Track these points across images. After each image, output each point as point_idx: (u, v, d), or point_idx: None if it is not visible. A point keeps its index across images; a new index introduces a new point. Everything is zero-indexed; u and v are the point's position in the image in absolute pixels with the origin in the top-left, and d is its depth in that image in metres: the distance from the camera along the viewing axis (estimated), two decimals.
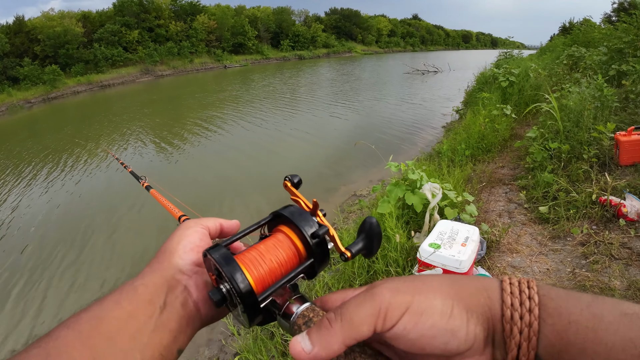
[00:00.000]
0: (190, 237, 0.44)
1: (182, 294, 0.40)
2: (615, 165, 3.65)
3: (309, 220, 0.43)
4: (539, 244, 3.01)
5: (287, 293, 0.42)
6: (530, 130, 4.17)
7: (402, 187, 2.73)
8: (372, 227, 0.43)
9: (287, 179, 0.50)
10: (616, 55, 6.58)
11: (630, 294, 2.29)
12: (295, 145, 9.23)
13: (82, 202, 6.75)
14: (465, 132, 5.52)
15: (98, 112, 18.11)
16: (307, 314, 0.38)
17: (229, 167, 8.04)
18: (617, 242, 2.71)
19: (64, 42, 36.92)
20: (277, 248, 0.43)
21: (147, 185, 1.20)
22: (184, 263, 0.42)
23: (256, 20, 55.44)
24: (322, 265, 0.44)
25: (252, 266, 0.40)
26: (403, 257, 2.38)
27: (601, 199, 3.08)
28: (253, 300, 0.37)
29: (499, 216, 3.46)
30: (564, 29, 26.96)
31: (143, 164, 8.71)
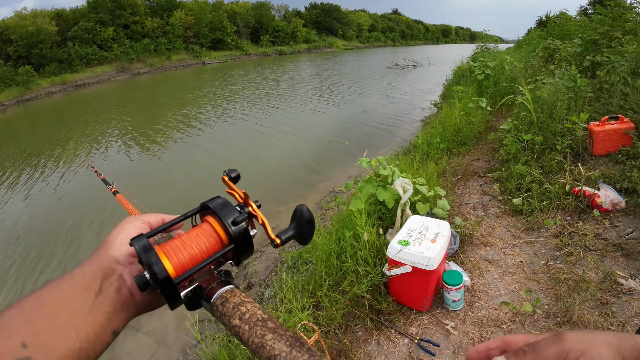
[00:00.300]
0: (129, 230, 0.47)
1: (117, 282, 0.43)
2: (589, 156, 3.66)
3: (231, 210, 0.47)
4: (512, 236, 2.99)
5: (213, 279, 0.46)
6: (504, 123, 4.15)
7: (374, 183, 2.65)
8: (302, 214, 0.49)
9: (225, 173, 0.54)
10: (590, 46, 6.66)
11: (606, 287, 2.26)
12: (274, 143, 9.07)
13: (62, 205, 6.49)
14: (441, 125, 5.49)
15: (73, 113, 17.49)
16: (225, 295, 0.42)
17: (203, 166, 7.85)
18: (592, 233, 2.70)
19: (37, 42, 35.57)
20: (199, 236, 0.46)
21: (115, 190, 1.28)
22: (119, 254, 0.45)
23: (235, 16, 54.55)
24: (246, 251, 0.48)
25: (172, 254, 0.44)
26: (373, 254, 2.30)
27: (575, 189, 3.07)
28: (169, 284, 0.41)
29: (473, 209, 3.43)
30: (541, 23, 27.44)
31: (118, 166, 8.42)
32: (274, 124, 10.88)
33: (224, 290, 0.44)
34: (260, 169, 7.32)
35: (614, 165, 3.37)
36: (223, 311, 0.42)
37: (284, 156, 8.06)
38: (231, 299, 0.42)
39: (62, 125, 14.20)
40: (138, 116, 14.51)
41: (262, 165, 7.53)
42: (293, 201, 5.68)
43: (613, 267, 2.42)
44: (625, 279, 2.24)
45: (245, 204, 0.50)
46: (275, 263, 4.05)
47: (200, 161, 8.20)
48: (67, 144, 10.92)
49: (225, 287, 0.44)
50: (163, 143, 9.89)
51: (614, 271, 2.36)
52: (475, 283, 2.46)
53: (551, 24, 14.51)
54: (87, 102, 22.22)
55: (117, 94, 24.16)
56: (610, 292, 2.19)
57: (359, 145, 8.17)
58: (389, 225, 2.82)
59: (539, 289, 2.38)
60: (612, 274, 2.32)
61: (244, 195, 0.50)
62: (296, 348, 0.35)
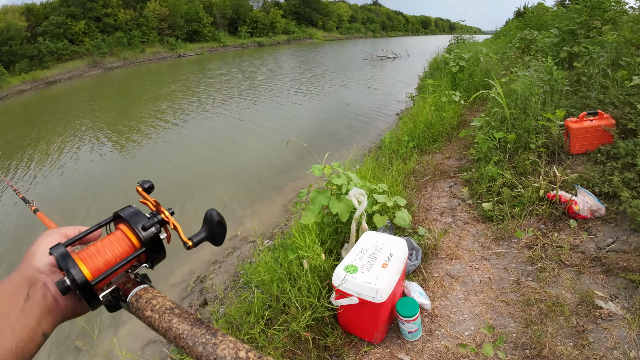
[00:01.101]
0: (48, 242, 0.50)
1: (41, 289, 0.47)
2: (565, 155, 3.42)
3: (141, 218, 0.52)
4: (481, 247, 2.73)
5: (129, 281, 0.50)
6: (476, 119, 3.90)
7: (327, 194, 2.35)
8: (212, 217, 0.53)
9: (139, 184, 0.59)
10: (568, 36, 6.47)
11: (583, 311, 2.00)
12: (247, 139, 8.68)
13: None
14: (412, 121, 5.22)
15: (44, 112, 16.51)
16: (139, 293, 0.48)
17: (179, 164, 7.43)
18: (568, 245, 2.46)
19: (7, 39, 33.82)
20: (112, 243, 0.51)
21: (35, 208, 1.21)
22: (41, 264, 0.48)
23: (211, 6, 52.92)
24: (158, 254, 0.53)
25: (88, 259, 0.48)
26: (321, 278, 2.00)
27: (549, 194, 2.83)
28: (88, 287, 0.45)
29: (441, 214, 3.16)
30: (519, 14, 27.58)
31: (90, 168, 7.90)
32: (250, 118, 10.48)
33: (138, 288, 0.48)
34: (230, 167, 6.94)
35: (593, 165, 3.14)
36: (137, 306, 0.46)
37: (256, 152, 7.69)
38: (144, 295, 0.47)
39: (33, 125, 13.33)
40: (110, 113, 13.72)
41: (232, 164, 7.14)
42: (260, 204, 5.35)
43: (591, 286, 2.17)
44: (605, 301, 1.99)
45: (157, 211, 0.54)
46: (234, 276, 3.73)
47: (175, 159, 7.76)
48: (38, 144, 10.22)
49: (140, 286, 0.49)
50: (136, 140, 9.39)
51: (592, 291, 2.12)
52: (437, 306, 2.19)
53: (528, 14, 14.43)
54: (58, 100, 21.19)
55: (88, 90, 23.09)
56: (587, 317, 1.94)
57: (332, 141, 7.89)
58: (346, 238, 2.53)
59: (507, 312, 2.12)
60: (589, 294, 2.08)
61: (155, 203, 0.55)
62: (196, 326, 0.41)
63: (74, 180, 7.20)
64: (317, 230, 2.31)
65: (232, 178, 6.36)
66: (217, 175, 6.55)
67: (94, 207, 5.85)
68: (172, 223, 0.53)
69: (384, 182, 2.97)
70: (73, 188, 6.84)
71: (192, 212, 5.19)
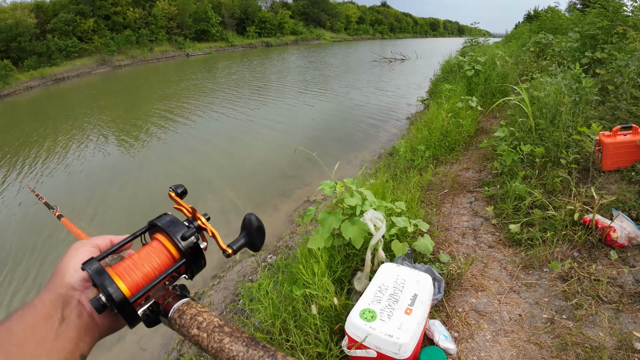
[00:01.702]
0: (80, 256, 0.48)
1: (76, 307, 0.44)
2: (597, 171, 3.12)
3: (179, 226, 0.49)
4: (509, 276, 2.43)
5: (168, 294, 0.48)
6: (498, 128, 3.59)
7: (338, 215, 2.06)
8: (251, 223, 0.52)
9: (172, 189, 0.56)
10: (589, 41, 6.14)
11: (621, 356, 1.73)
12: (253, 141, 8.43)
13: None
14: (427, 128, 4.92)
15: (52, 109, 16.41)
16: (182, 308, 0.46)
17: (185, 165, 7.22)
18: (605, 279, 2.16)
19: (16, 35, 33.98)
20: (150, 255, 0.48)
21: (59, 214, 1.19)
22: (74, 280, 0.46)
23: (220, 6, 52.88)
24: (198, 264, 0.50)
25: (125, 274, 0.45)
26: (329, 320, 1.72)
27: (585, 219, 2.53)
28: (125, 304, 0.43)
29: (463, 236, 2.87)
30: (529, 17, 27.20)
31: (97, 166, 7.70)
32: (259, 119, 10.28)
33: (180, 303, 0.46)
34: (235, 170, 6.68)
35: (627, 185, 2.83)
36: (181, 323, 0.44)
37: (262, 155, 7.45)
38: (188, 311, 0.45)
39: (40, 122, 13.19)
40: (117, 111, 13.57)
41: (237, 167, 6.88)
42: (263, 212, 5.08)
43: (630, 326, 1.89)
44: None
45: (193, 218, 0.52)
46: (234, 295, 3.46)
47: (180, 160, 7.60)
48: (44, 141, 10.05)
49: (181, 301, 0.47)
50: (143, 140, 9.22)
51: (631, 332, 1.84)
52: (463, 349, 1.90)
53: (542, 17, 14.06)
54: (66, 97, 21.15)
55: (96, 88, 23.02)
56: None
57: (341, 145, 7.61)
58: (358, 265, 2.25)
59: (540, 357, 1.83)
60: (629, 338, 1.79)
61: (192, 209, 0.52)
62: (252, 347, 0.39)
63: (80, 178, 7.05)
64: (326, 257, 2.02)
65: (237, 182, 6.11)
66: (221, 179, 6.31)
67: (101, 207, 5.72)
68: (209, 230, 0.52)
69: (401, 200, 2.69)
70: (79, 186, 6.71)
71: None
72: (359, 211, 2.04)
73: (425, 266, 2.17)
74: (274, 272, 3.19)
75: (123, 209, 5.58)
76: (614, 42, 5.65)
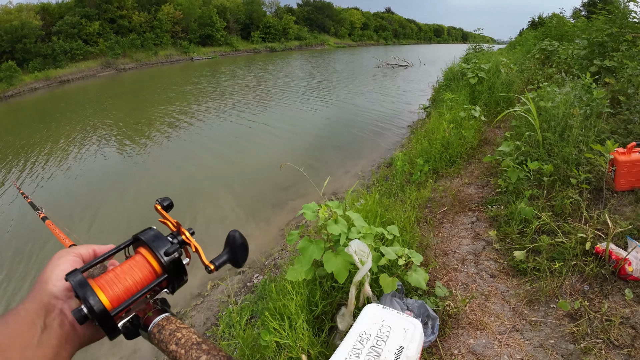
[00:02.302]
0: (62, 265, 0.49)
1: (58, 317, 0.45)
2: (610, 192, 2.87)
3: (163, 241, 0.50)
4: (512, 312, 2.18)
5: (149, 308, 0.48)
6: (503, 142, 3.34)
7: (321, 244, 1.83)
8: (235, 240, 0.53)
9: (158, 202, 0.57)
10: (597, 49, 5.89)
11: None
12: (244, 149, 8.21)
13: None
14: (427, 138, 4.68)
15: (56, 110, 16.38)
16: (161, 323, 0.46)
17: (183, 170, 7.00)
18: (618, 319, 1.91)
19: (22, 37, 34.15)
20: (133, 268, 0.48)
21: (44, 216, 1.09)
22: (57, 289, 0.47)
23: (225, 11, 53.06)
24: (179, 279, 0.51)
25: (107, 287, 0.46)
26: None
27: (598, 248, 2.27)
28: (106, 317, 0.44)
29: (462, 262, 2.61)
30: (533, 24, 27.03)
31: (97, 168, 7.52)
32: (259, 125, 10.09)
33: (160, 318, 0.47)
34: (230, 179, 6.44)
35: None
36: (160, 338, 0.44)
37: (259, 163, 7.23)
38: (167, 326, 0.45)
39: (43, 124, 13.07)
40: (120, 114, 13.44)
41: (232, 175, 6.65)
42: (255, 226, 4.84)
43: None
44: None
45: (178, 232, 0.52)
46: (216, 318, 3.22)
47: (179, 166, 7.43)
48: (46, 144, 9.90)
49: (161, 315, 0.47)
50: (144, 144, 9.06)
51: None
52: None
53: (547, 24, 13.83)
54: (70, 99, 21.12)
55: (100, 91, 22.96)
56: None
57: (340, 154, 7.38)
58: (343, 299, 2.00)
59: None
60: None
61: (177, 224, 0.53)
62: None
63: (79, 183, 6.92)
64: (306, 291, 1.78)
65: (230, 192, 5.88)
66: (216, 188, 6.09)
67: (99, 212, 5.54)
68: (193, 245, 0.52)
69: (395, 222, 2.44)
70: (78, 191, 6.56)
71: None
72: (343, 240, 1.80)
73: (418, 302, 1.92)
74: (257, 295, 2.95)
75: (119, 214, 5.42)
76: (622, 50, 5.41)
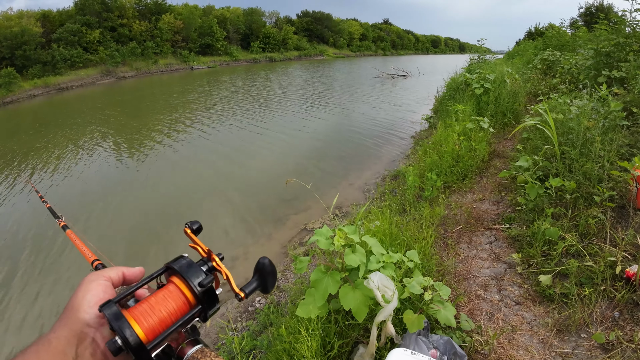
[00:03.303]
0: (94, 290, 0.48)
1: (90, 346, 0.45)
2: (633, 210, 2.69)
3: (196, 272, 0.50)
4: (541, 343, 1.99)
5: (182, 338, 0.50)
6: (520, 157, 3.17)
7: (336, 277, 1.64)
8: (264, 267, 0.53)
9: (187, 225, 0.57)
10: (604, 59, 5.78)
11: None
12: (245, 160, 8.03)
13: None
14: (435, 151, 4.51)
15: (54, 118, 16.23)
16: (196, 355, 0.47)
17: (180, 183, 6.79)
18: None
19: (21, 43, 34.22)
20: (167, 299, 0.48)
21: (64, 224, 1.09)
22: (89, 317, 0.46)
23: (225, 21, 53.39)
24: (212, 309, 0.51)
25: (142, 318, 0.45)
26: None
27: (628, 272, 2.10)
28: (142, 350, 0.43)
29: (485, 288, 2.42)
30: (530, 34, 27.23)
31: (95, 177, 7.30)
32: (260, 136, 9.90)
33: (194, 350, 0.48)
34: (230, 191, 6.24)
35: None
36: None
37: (260, 174, 7.04)
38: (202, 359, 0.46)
39: (42, 133, 12.92)
40: (118, 123, 13.32)
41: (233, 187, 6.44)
42: (255, 242, 4.64)
43: None
44: None
45: (208, 258, 0.53)
46: (214, 346, 3.00)
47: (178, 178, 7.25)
48: (41, 151, 9.70)
49: (195, 347, 0.48)
50: (142, 152, 8.90)
51: None
52: None
53: (548, 34, 13.82)
54: (69, 106, 21.00)
55: (99, 99, 22.89)
56: None
57: (342, 165, 7.21)
58: (360, 338, 1.80)
59: None
60: None
61: (208, 251, 0.54)
62: None
63: (77, 192, 6.76)
64: (319, 329, 1.59)
65: (231, 205, 5.69)
66: (216, 201, 5.89)
67: (104, 220, 5.46)
68: (224, 272, 0.52)
69: (410, 245, 2.26)
70: (77, 197, 6.45)
71: (176, 246, 4.50)
72: (362, 272, 1.61)
73: (444, 338, 1.73)
74: (259, 323, 2.75)
75: (118, 224, 5.26)
76: (629, 60, 5.30)
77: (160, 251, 4.52)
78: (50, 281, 4.07)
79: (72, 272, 4.18)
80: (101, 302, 0.47)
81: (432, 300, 1.63)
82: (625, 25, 5.90)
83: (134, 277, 0.54)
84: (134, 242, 4.88)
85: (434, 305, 1.68)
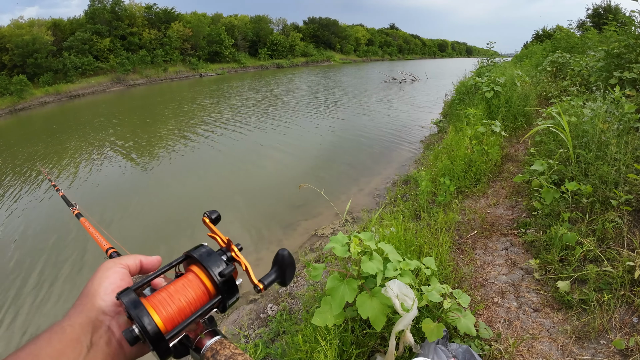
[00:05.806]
0: (111, 277, 0.47)
1: (105, 334, 0.43)
2: None
3: (216, 261, 0.49)
4: (560, 351, 1.94)
5: (199, 328, 0.49)
6: (535, 161, 3.13)
7: (353, 284, 1.63)
8: (284, 259, 0.52)
9: (206, 215, 0.56)
10: (615, 60, 5.70)
11: None
12: (255, 166, 8.06)
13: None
14: (447, 155, 4.48)
15: (65, 124, 16.53)
16: (215, 347, 0.46)
17: (192, 186, 6.84)
18: None
19: (33, 51, 34.97)
20: (186, 288, 0.47)
21: (78, 212, 1.06)
22: (105, 304, 0.45)
23: (233, 29, 54.00)
24: (232, 299, 0.50)
25: (160, 307, 0.44)
26: None
27: None
28: (160, 339, 0.42)
29: (502, 295, 2.39)
30: (538, 37, 27.02)
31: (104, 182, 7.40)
32: (269, 141, 9.95)
33: (213, 341, 0.47)
34: (240, 198, 6.26)
35: None
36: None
37: (270, 181, 7.05)
38: (222, 351, 0.45)
39: (55, 135, 13.19)
40: (128, 129, 13.49)
41: (243, 193, 6.46)
42: (266, 249, 4.63)
43: None
44: None
45: (227, 248, 0.52)
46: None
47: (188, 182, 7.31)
48: (53, 156, 9.87)
49: (214, 338, 0.47)
50: (152, 157, 8.98)
51: None
52: None
53: (557, 36, 13.69)
54: (80, 113, 21.37)
55: (110, 106, 23.22)
56: None
57: (352, 170, 7.20)
58: (377, 347, 1.78)
59: None
60: None
61: (227, 241, 0.52)
62: None
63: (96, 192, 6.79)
64: (336, 339, 1.57)
65: (240, 211, 5.70)
66: (226, 207, 5.91)
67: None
68: (243, 263, 0.51)
69: (426, 252, 2.23)
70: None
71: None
72: (380, 280, 1.59)
73: (463, 347, 1.70)
74: (272, 330, 2.73)
75: (128, 224, 5.34)
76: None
77: (166, 252, 4.55)
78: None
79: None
80: (118, 289, 0.46)
81: (451, 308, 1.61)
82: (634, 26, 5.83)
83: (151, 266, 0.53)
84: (148, 239, 5.00)
85: (453, 313, 1.66)
